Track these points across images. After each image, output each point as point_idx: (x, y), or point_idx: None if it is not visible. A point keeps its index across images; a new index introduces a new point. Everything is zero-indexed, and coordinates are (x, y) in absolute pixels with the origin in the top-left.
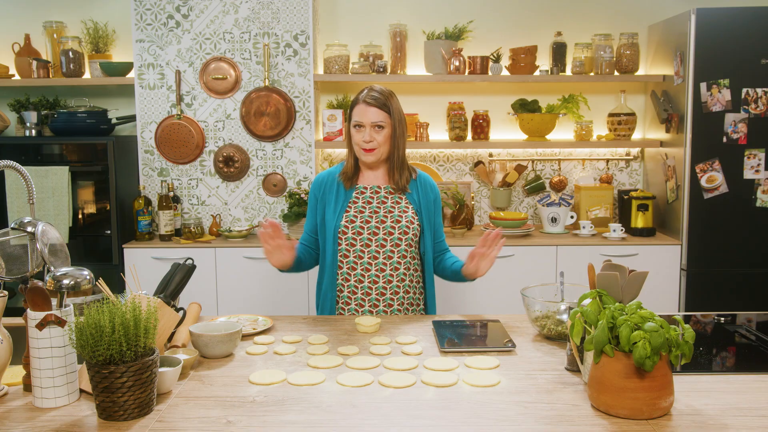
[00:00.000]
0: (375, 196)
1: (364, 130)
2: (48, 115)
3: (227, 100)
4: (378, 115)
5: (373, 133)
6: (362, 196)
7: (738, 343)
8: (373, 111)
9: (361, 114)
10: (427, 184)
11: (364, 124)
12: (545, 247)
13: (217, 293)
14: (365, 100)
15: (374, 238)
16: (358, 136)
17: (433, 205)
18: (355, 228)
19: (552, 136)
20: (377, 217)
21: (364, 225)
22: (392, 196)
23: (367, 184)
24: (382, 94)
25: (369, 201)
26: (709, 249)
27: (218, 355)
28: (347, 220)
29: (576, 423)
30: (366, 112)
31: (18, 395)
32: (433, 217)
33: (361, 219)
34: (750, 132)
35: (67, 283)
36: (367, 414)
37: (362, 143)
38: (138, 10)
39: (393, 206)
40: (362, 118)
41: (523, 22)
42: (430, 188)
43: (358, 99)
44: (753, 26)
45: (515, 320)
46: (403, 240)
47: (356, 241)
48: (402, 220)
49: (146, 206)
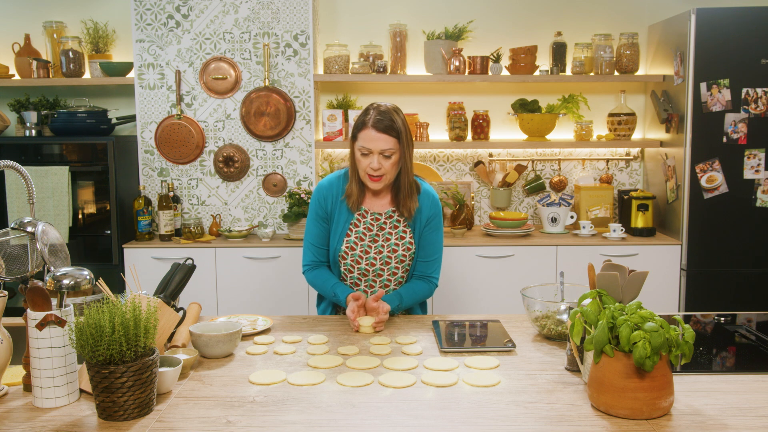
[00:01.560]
0: (375, 223)
1: (372, 157)
2: (48, 115)
3: (227, 100)
4: (387, 143)
5: (382, 160)
6: (363, 221)
7: (738, 343)
8: (382, 138)
9: (368, 140)
10: (427, 201)
11: (372, 151)
12: (545, 247)
13: (217, 293)
14: (374, 126)
15: (371, 269)
16: (365, 162)
17: (425, 223)
18: (354, 256)
19: (552, 136)
20: (376, 246)
21: (363, 255)
22: (391, 220)
23: (369, 207)
24: (390, 116)
25: (369, 228)
26: (709, 249)
27: (218, 355)
28: (347, 246)
29: (576, 423)
30: (374, 140)
31: (18, 395)
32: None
33: (361, 247)
34: (750, 132)
35: (67, 283)
36: (367, 414)
37: (370, 170)
38: (138, 10)
39: (391, 232)
40: (370, 144)
41: (523, 22)
42: (427, 206)
43: (365, 122)
44: (753, 26)
45: (515, 320)
46: (399, 268)
47: (354, 268)
48: (399, 249)
49: (146, 206)
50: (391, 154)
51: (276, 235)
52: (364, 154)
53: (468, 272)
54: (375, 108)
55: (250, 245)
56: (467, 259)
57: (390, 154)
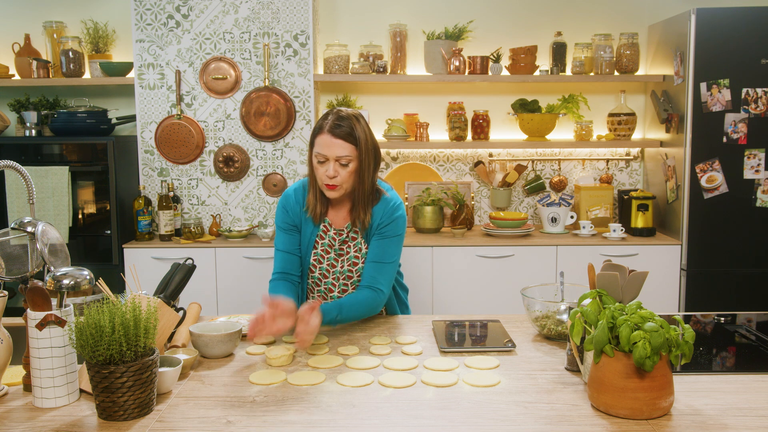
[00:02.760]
0: (338, 237)
1: (328, 165)
2: (48, 115)
3: (227, 100)
4: (343, 149)
5: (338, 168)
6: (327, 234)
7: (738, 343)
8: (338, 144)
9: (324, 146)
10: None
11: (328, 158)
12: (545, 247)
13: (217, 293)
14: (330, 131)
15: (338, 283)
16: (321, 169)
17: (375, 233)
18: (322, 269)
19: (552, 136)
20: (340, 261)
21: (330, 269)
22: (350, 235)
23: (332, 220)
24: (350, 122)
25: (331, 243)
26: (709, 249)
27: (218, 355)
28: (315, 258)
29: (576, 423)
30: (330, 145)
31: (18, 395)
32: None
33: (327, 261)
34: (750, 132)
35: (67, 283)
36: (367, 414)
37: (325, 178)
38: (138, 10)
39: (350, 247)
40: (325, 150)
41: (523, 22)
42: (379, 215)
43: (322, 126)
44: (753, 26)
45: (515, 320)
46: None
47: (321, 282)
48: (359, 262)
49: (146, 206)
50: (348, 162)
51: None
52: (320, 162)
53: (468, 272)
54: (335, 113)
55: (250, 245)
56: (467, 259)
57: (347, 162)
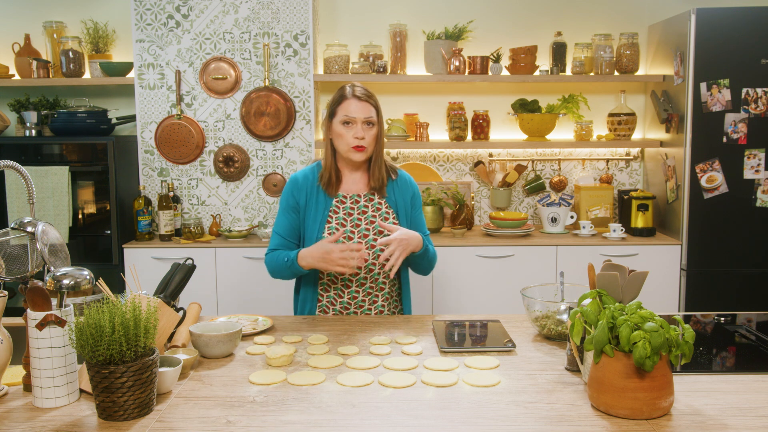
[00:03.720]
0: (355, 206)
1: (356, 126)
2: (48, 115)
3: (227, 100)
4: (369, 110)
5: (366, 129)
6: (342, 206)
7: (738, 343)
8: (364, 106)
9: (351, 109)
10: (405, 182)
11: (356, 120)
12: (545, 247)
13: (217, 293)
14: (356, 95)
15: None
16: (349, 133)
17: (410, 203)
18: (338, 242)
19: (552, 136)
20: (359, 231)
21: (346, 240)
22: (372, 203)
23: (347, 191)
24: (366, 89)
25: (350, 212)
26: (709, 249)
27: (218, 355)
28: (329, 233)
29: (576, 423)
30: (358, 107)
31: (18, 395)
32: (410, 215)
33: (343, 233)
34: (750, 132)
35: (67, 283)
36: (367, 414)
37: (353, 140)
38: (138, 10)
39: (374, 215)
40: (354, 113)
41: (523, 22)
42: (407, 186)
43: (344, 95)
44: (753, 26)
45: (515, 320)
46: (385, 250)
47: None
48: (384, 230)
49: (146, 206)
50: (373, 123)
51: None
52: (346, 123)
53: (468, 272)
54: (350, 85)
55: (250, 245)
56: (467, 259)
57: (372, 123)
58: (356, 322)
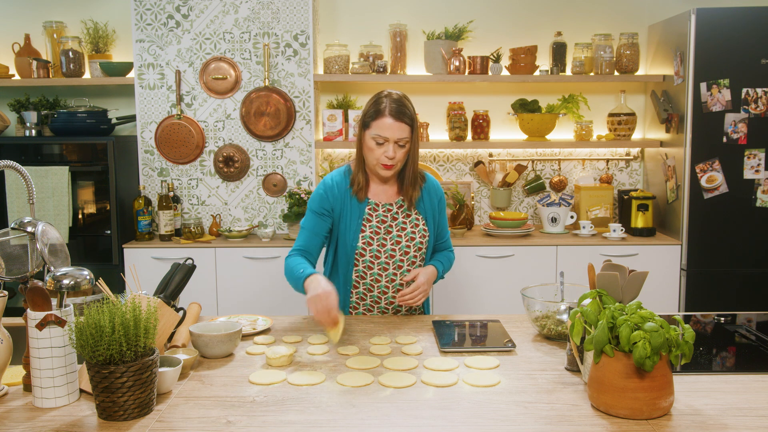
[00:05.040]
0: (388, 214)
1: (387, 146)
2: (48, 115)
3: (227, 100)
4: (403, 131)
5: (396, 149)
6: (375, 214)
7: (738, 343)
8: (399, 127)
9: (385, 129)
10: (432, 187)
11: (388, 140)
12: (545, 247)
13: (217, 293)
14: (391, 114)
15: (391, 261)
16: (380, 151)
17: (438, 209)
18: (372, 251)
19: (552, 136)
20: (392, 237)
21: (381, 248)
22: (402, 209)
23: (378, 198)
24: (404, 104)
25: (383, 219)
26: (709, 249)
27: (218, 355)
28: (364, 242)
29: (576, 423)
30: (392, 128)
31: (18, 395)
32: (438, 220)
33: (378, 241)
34: (750, 132)
35: (67, 283)
36: (367, 414)
37: (384, 159)
38: (138, 10)
39: (405, 222)
40: (387, 133)
41: (523, 22)
42: (434, 192)
43: (381, 111)
44: (753, 26)
45: (515, 320)
46: (417, 257)
47: (374, 264)
48: (416, 236)
49: (146, 206)
50: (405, 143)
51: (276, 235)
52: (379, 143)
53: (468, 272)
54: (387, 96)
55: (250, 245)
56: (467, 259)
57: (404, 143)
58: (356, 322)
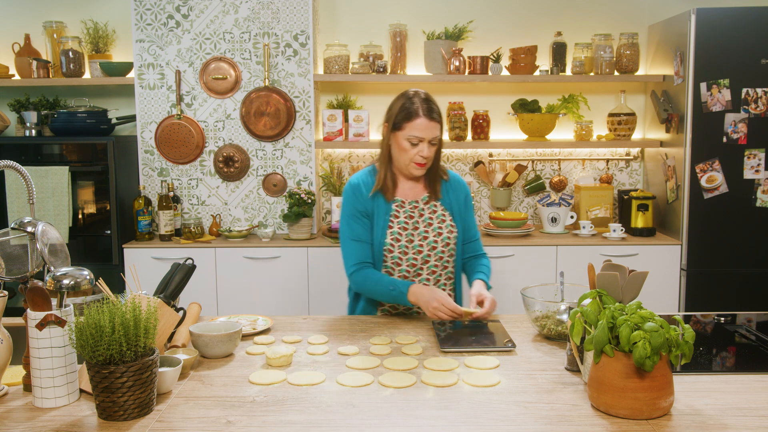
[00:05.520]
0: (414, 210)
1: (422, 145)
2: (48, 115)
3: (227, 100)
4: (436, 130)
5: (430, 148)
6: (402, 210)
7: (738, 343)
8: (433, 126)
9: (421, 129)
10: (457, 183)
11: (423, 140)
12: (545, 247)
13: (217, 293)
14: (425, 114)
15: (419, 257)
16: (414, 151)
17: (464, 205)
18: (401, 247)
19: (552, 136)
20: (419, 233)
21: (409, 244)
22: (428, 205)
23: (404, 196)
24: (433, 101)
25: (410, 215)
26: (709, 249)
27: (218, 355)
28: (392, 238)
29: (576, 423)
30: (427, 128)
31: (18, 395)
32: (464, 217)
33: (406, 237)
34: (750, 132)
35: (67, 283)
36: (367, 414)
37: (419, 158)
38: (138, 10)
39: (431, 217)
40: (423, 133)
41: (523, 22)
42: (460, 188)
43: (414, 111)
44: (753, 26)
45: (515, 320)
46: (445, 252)
47: (402, 260)
48: (443, 231)
49: (146, 206)
50: (437, 140)
51: (276, 235)
52: (413, 144)
53: None
54: (416, 95)
55: (250, 245)
56: None
57: (436, 141)
58: (356, 322)
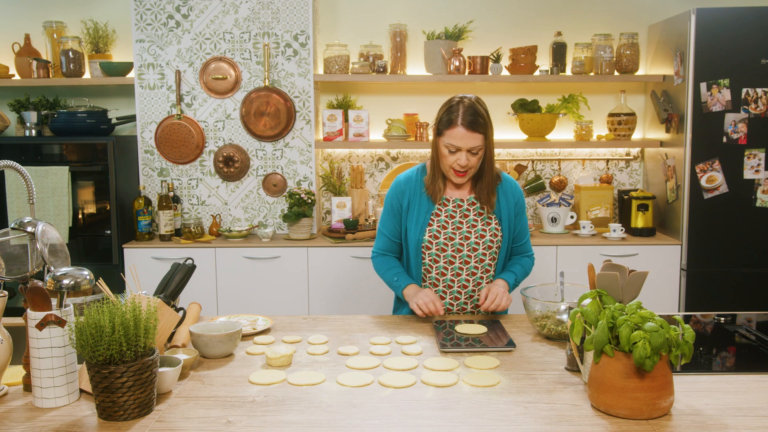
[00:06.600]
0: (458, 210)
1: (460, 154)
2: (48, 115)
3: (227, 100)
4: (475, 140)
5: (469, 157)
6: (444, 209)
7: (738, 343)
8: (471, 136)
9: (458, 138)
10: (511, 188)
11: (460, 149)
12: (545, 247)
13: (217, 293)
14: (463, 124)
15: (458, 255)
16: (452, 158)
17: (514, 210)
18: (439, 244)
19: (552, 136)
20: (460, 233)
21: (448, 242)
22: (474, 207)
23: (450, 195)
24: (476, 109)
25: (452, 215)
26: (709, 249)
27: (218, 355)
28: (430, 235)
29: (576, 423)
30: (464, 138)
31: (18, 395)
32: (513, 222)
33: (444, 235)
34: (750, 132)
35: (67, 283)
36: (367, 414)
37: (456, 166)
38: (138, 10)
39: (476, 219)
40: (459, 142)
41: (523, 22)
42: (512, 192)
43: (453, 120)
44: (753, 26)
45: (515, 320)
46: (487, 255)
47: (439, 258)
48: (486, 234)
49: (146, 206)
50: (477, 150)
51: (276, 235)
52: (451, 152)
53: None
54: (460, 102)
55: (250, 245)
56: None
57: (477, 151)
58: (356, 322)
